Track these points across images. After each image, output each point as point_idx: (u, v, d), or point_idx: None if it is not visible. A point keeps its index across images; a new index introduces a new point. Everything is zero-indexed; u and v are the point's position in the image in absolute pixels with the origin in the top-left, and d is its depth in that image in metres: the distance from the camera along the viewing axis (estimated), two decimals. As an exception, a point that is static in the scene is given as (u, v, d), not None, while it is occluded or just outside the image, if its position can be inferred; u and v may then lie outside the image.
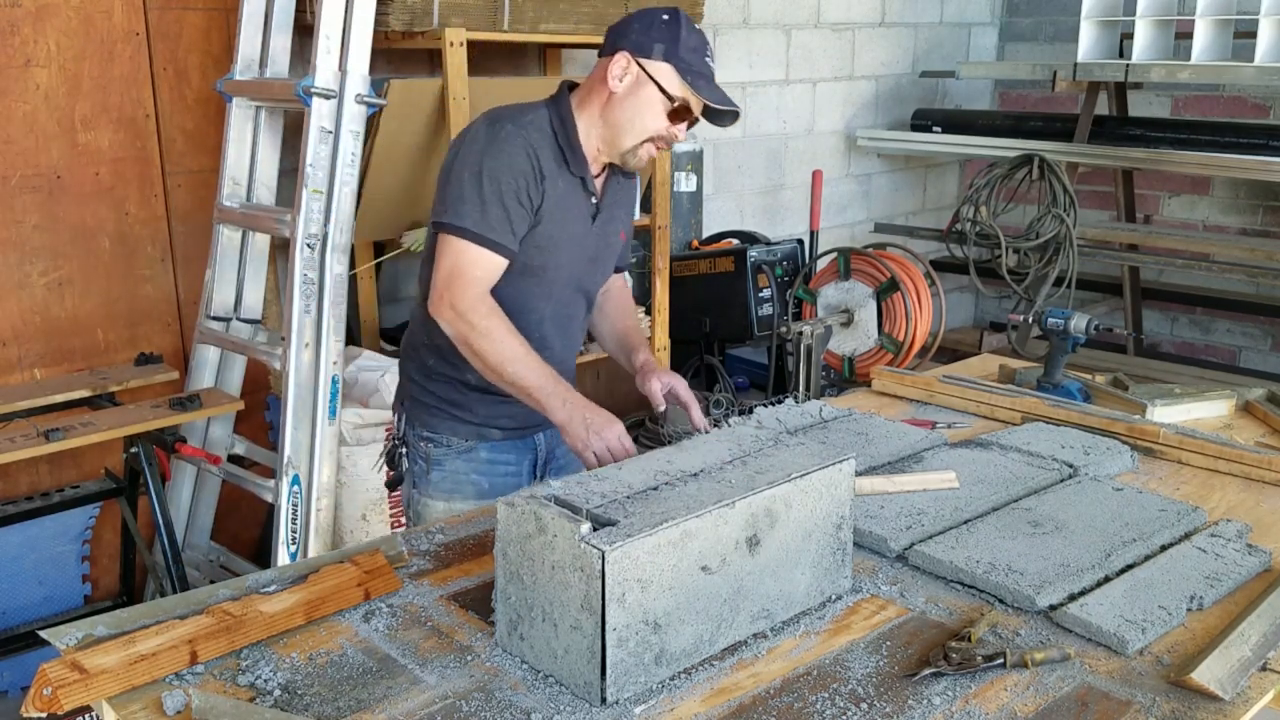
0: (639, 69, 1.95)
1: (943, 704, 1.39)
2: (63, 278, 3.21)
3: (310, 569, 1.65)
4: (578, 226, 2.06)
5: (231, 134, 3.25)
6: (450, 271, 1.93)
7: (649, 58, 1.94)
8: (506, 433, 2.17)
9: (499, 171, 1.92)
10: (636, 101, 1.96)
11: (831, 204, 5.56)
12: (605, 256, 2.17)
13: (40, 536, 3.12)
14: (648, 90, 1.95)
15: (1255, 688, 1.43)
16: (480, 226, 1.91)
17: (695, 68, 1.94)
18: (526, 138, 1.95)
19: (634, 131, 1.98)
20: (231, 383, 3.41)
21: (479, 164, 1.93)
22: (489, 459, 2.18)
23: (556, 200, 2.00)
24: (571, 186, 2.02)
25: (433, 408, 2.16)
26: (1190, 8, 4.86)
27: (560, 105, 2.03)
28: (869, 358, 4.38)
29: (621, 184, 2.17)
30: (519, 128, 1.95)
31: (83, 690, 1.35)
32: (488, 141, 1.94)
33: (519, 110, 2.01)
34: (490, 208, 1.91)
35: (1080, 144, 5.11)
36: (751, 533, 1.51)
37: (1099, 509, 1.92)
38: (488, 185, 1.92)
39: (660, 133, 1.98)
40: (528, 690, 1.41)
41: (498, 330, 1.92)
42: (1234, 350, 5.83)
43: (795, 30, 5.27)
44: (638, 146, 1.99)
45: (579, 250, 2.08)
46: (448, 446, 2.16)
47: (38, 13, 3.04)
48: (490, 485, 2.18)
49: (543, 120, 2.00)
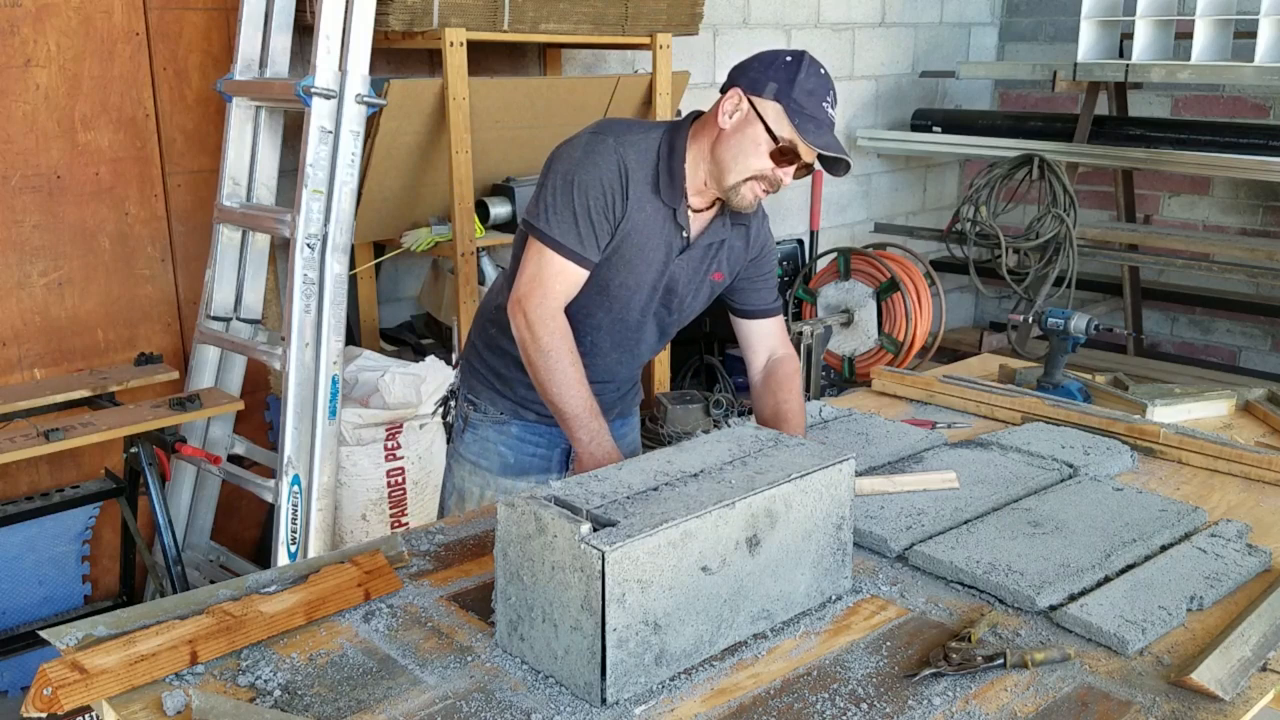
0: (749, 106, 1.93)
1: (943, 704, 1.39)
2: (63, 278, 3.21)
3: (310, 569, 1.65)
4: (657, 254, 2.03)
5: (231, 134, 3.25)
6: (532, 278, 1.96)
7: (760, 95, 1.92)
8: (541, 417, 2.19)
9: (589, 184, 1.93)
10: (742, 139, 1.93)
11: (831, 204, 5.56)
12: (686, 294, 2.13)
13: (40, 536, 3.12)
14: (754, 129, 1.92)
15: (1255, 688, 1.43)
16: (568, 239, 1.93)
17: (807, 110, 1.90)
18: (623, 155, 1.95)
19: (736, 169, 1.94)
20: (231, 383, 3.41)
21: (572, 173, 1.94)
22: (519, 436, 2.21)
23: (639, 222, 1.98)
24: (659, 214, 2.00)
25: (481, 374, 2.22)
26: (1190, 8, 4.86)
27: (677, 133, 2.02)
28: (869, 358, 4.38)
29: (735, 229, 2.12)
30: (619, 143, 1.96)
31: (83, 690, 1.35)
32: (585, 152, 1.95)
33: (629, 126, 2.02)
34: (580, 221, 1.93)
35: (1080, 144, 5.11)
36: (751, 533, 1.51)
37: (1099, 509, 1.92)
38: (578, 197, 1.93)
39: (764, 172, 1.94)
40: (528, 691, 1.41)
41: (557, 351, 1.94)
42: (1234, 350, 5.83)
43: (795, 30, 5.27)
44: (740, 184, 1.95)
45: (652, 276, 2.05)
46: (484, 414, 2.22)
47: (38, 13, 3.04)
48: (516, 461, 2.21)
49: (650, 142, 1.99)
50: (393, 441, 3.28)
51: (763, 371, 2.23)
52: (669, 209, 2.00)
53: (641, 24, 3.78)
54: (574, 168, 1.94)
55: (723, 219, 2.08)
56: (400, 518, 3.32)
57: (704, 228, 2.07)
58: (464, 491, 2.25)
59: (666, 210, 2.00)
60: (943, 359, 4.20)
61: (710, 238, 2.08)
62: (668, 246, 2.03)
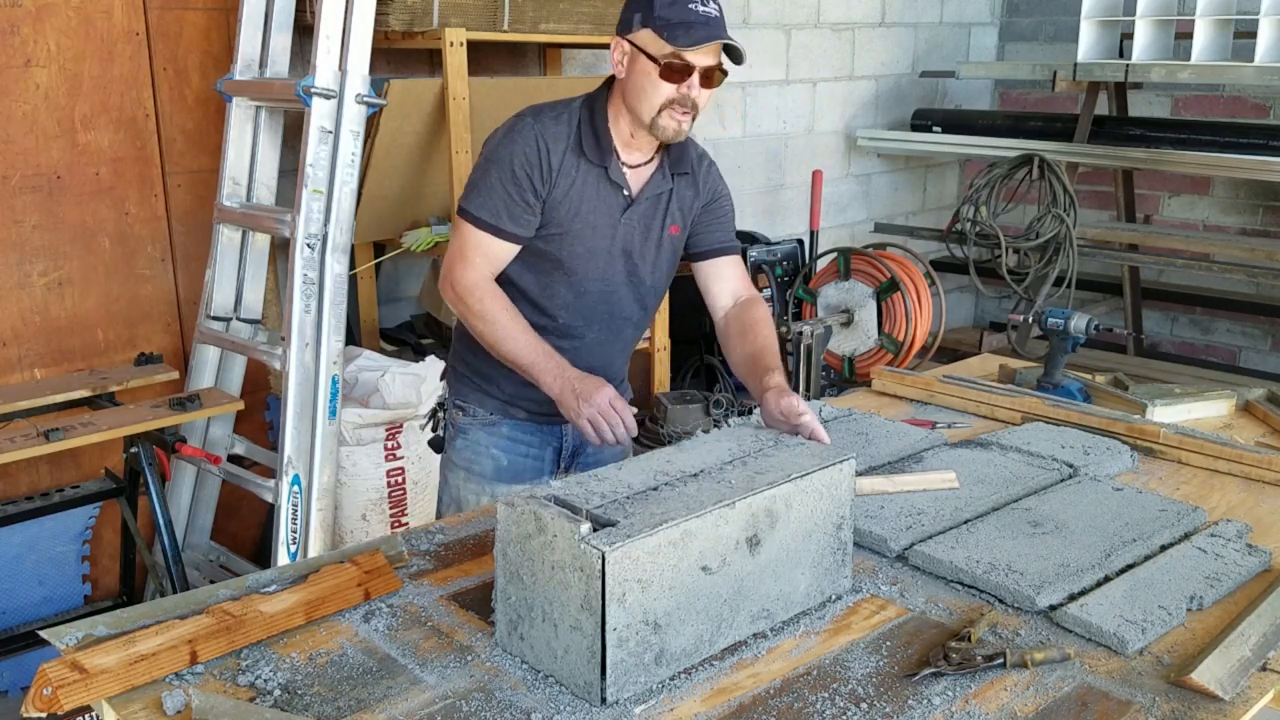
0: (629, 46, 1.99)
1: (943, 704, 1.39)
2: (63, 278, 3.21)
3: (310, 569, 1.65)
4: (600, 217, 2.07)
5: (231, 134, 3.25)
6: (454, 253, 2.06)
7: (632, 31, 1.97)
8: (531, 415, 2.20)
9: (506, 160, 2.01)
10: (636, 77, 1.98)
11: (831, 204, 5.56)
12: (645, 251, 2.15)
13: (40, 536, 3.12)
14: (640, 62, 1.97)
15: (1255, 688, 1.43)
16: (482, 211, 2.02)
17: (673, 20, 1.92)
18: (540, 129, 2.02)
19: (645, 106, 1.99)
20: (231, 383, 3.41)
21: (492, 154, 2.04)
22: (511, 436, 2.22)
23: (571, 190, 2.03)
24: (591, 175, 2.05)
25: (466, 377, 2.24)
26: (1190, 8, 4.86)
27: (597, 97, 2.09)
28: (869, 358, 4.38)
29: (679, 179, 2.14)
30: (536, 120, 2.04)
31: (83, 690, 1.35)
32: (505, 133, 2.05)
33: (548, 105, 2.09)
34: (495, 194, 2.01)
35: (1080, 144, 5.11)
36: (752, 533, 1.51)
37: (1099, 509, 1.92)
38: (496, 174, 2.01)
39: (670, 97, 1.97)
40: (528, 690, 1.42)
41: (491, 310, 2.02)
42: (1234, 350, 5.83)
43: (795, 30, 5.27)
44: (656, 118, 1.99)
45: (603, 240, 2.09)
46: (473, 417, 2.23)
47: (38, 13, 3.04)
48: (509, 463, 2.22)
49: (570, 112, 2.06)
50: (393, 441, 3.28)
51: (728, 315, 2.23)
52: (600, 168, 2.05)
53: (641, 24, 3.77)
54: (494, 149, 2.04)
55: (662, 171, 2.12)
56: (400, 518, 3.32)
57: (645, 182, 2.11)
58: (461, 500, 2.25)
59: (598, 170, 2.05)
60: (943, 359, 4.20)
61: (654, 190, 2.11)
62: (609, 206, 2.07)
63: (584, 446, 2.28)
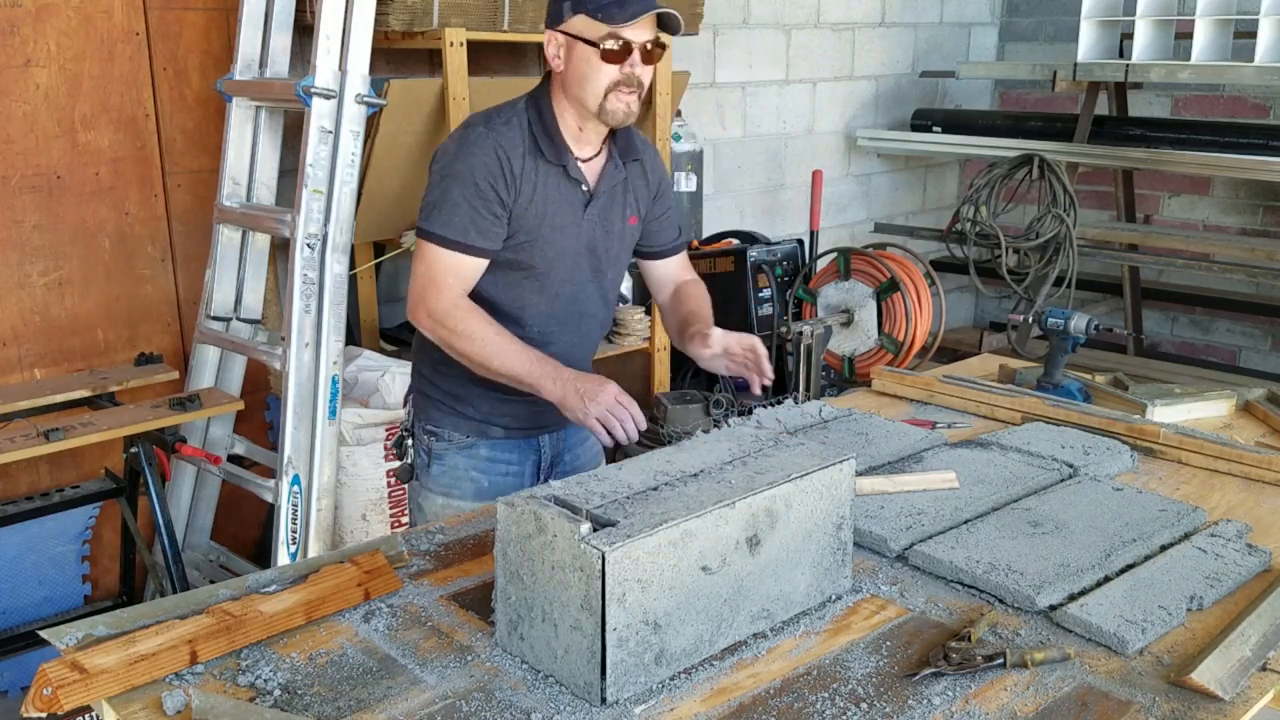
0: (563, 36, 1.96)
1: (943, 704, 1.39)
2: (63, 278, 3.21)
3: (310, 569, 1.65)
4: (565, 217, 2.04)
5: (231, 134, 3.25)
6: (424, 278, 1.98)
7: (564, 20, 1.95)
8: (509, 432, 2.17)
9: (466, 174, 1.95)
10: (577, 66, 1.96)
11: (831, 204, 5.56)
12: (609, 245, 2.14)
13: (40, 536, 3.12)
14: (578, 49, 1.95)
15: (1255, 688, 1.43)
16: (449, 230, 1.95)
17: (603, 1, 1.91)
18: (495, 138, 1.97)
19: (590, 93, 1.96)
20: (231, 383, 3.41)
21: (449, 169, 1.97)
22: (489, 457, 2.18)
23: (535, 194, 2.00)
24: (550, 175, 2.02)
25: (437, 401, 2.18)
26: (1190, 8, 4.86)
27: (540, 96, 2.05)
28: (869, 358, 4.38)
29: (630, 165, 2.14)
30: (489, 129, 1.98)
31: (83, 690, 1.35)
32: (458, 145, 1.98)
33: (495, 111, 2.04)
34: (459, 210, 1.95)
35: (1080, 144, 5.11)
36: (752, 533, 1.51)
37: (1099, 509, 1.92)
38: (456, 189, 1.95)
39: (614, 79, 1.95)
40: (528, 690, 1.41)
41: (475, 328, 1.96)
42: (1234, 350, 5.83)
43: (795, 30, 5.27)
44: (603, 103, 1.97)
45: (570, 241, 2.06)
46: (449, 441, 2.17)
47: (38, 13, 3.04)
48: (490, 484, 2.18)
49: (518, 114, 2.02)
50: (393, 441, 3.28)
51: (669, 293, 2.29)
52: (559, 167, 2.02)
53: (641, 24, 3.77)
54: (450, 163, 1.97)
55: (613, 160, 2.10)
56: (400, 518, 3.32)
57: (599, 174, 2.08)
58: None
59: (557, 169, 2.02)
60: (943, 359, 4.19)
61: (609, 182, 2.09)
62: (572, 205, 2.04)
63: (561, 455, 2.26)
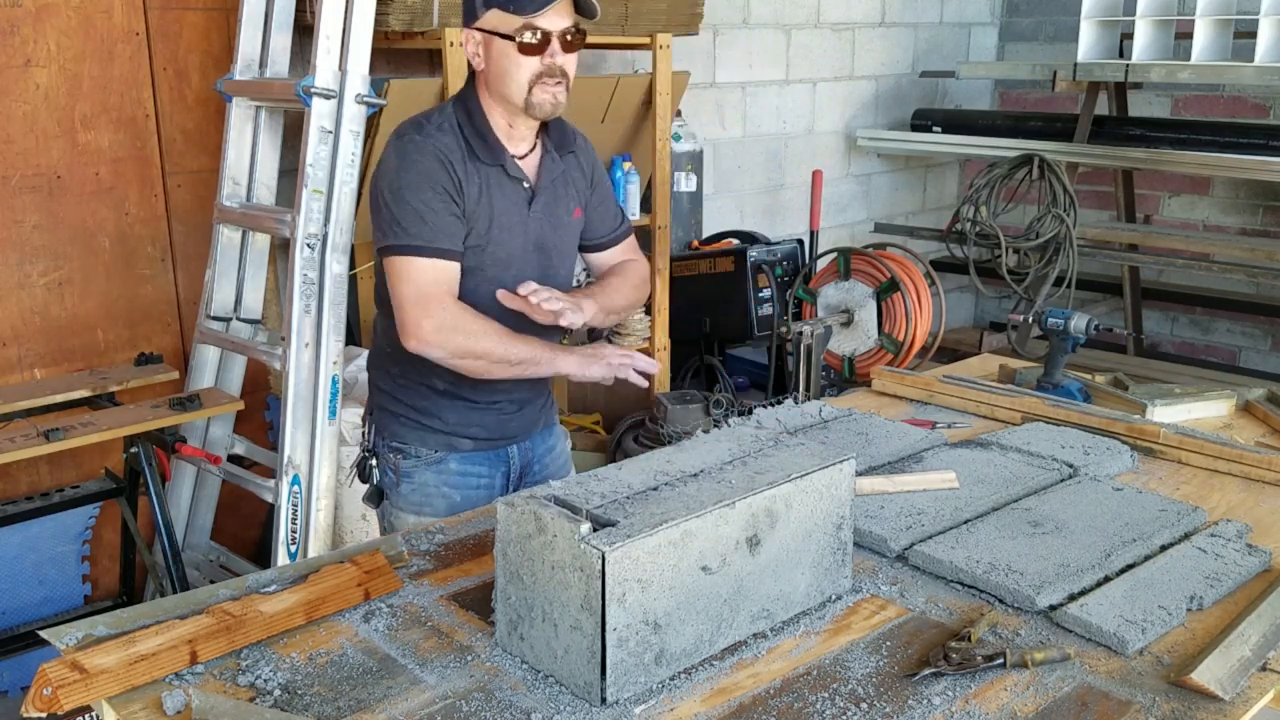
0: (480, 34, 1.95)
1: (943, 704, 1.39)
2: (63, 278, 3.21)
3: (310, 569, 1.65)
4: (511, 217, 2.02)
5: (231, 134, 3.25)
6: (414, 297, 1.93)
7: (478, 17, 1.94)
8: (478, 443, 2.14)
9: (417, 182, 1.93)
10: (497, 62, 1.94)
11: (831, 204, 5.56)
12: (557, 241, 2.11)
13: (40, 536, 3.12)
14: (496, 45, 1.93)
15: (1255, 688, 1.43)
16: (421, 239, 1.93)
17: None
18: (434, 144, 1.95)
19: (513, 87, 1.94)
20: (231, 383, 3.41)
21: (398, 182, 1.94)
22: (459, 470, 2.14)
23: (481, 196, 1.98)
24: (490, 177, 2.00)
25: (401, 417, 2.13)
26: (1190, 8, 4.86)
27: (468, 97, 2.03)
28: (869, 358, 4.38)
29: (565, 157, 2.12)
30: (425, 136, 1.96)
31: (83, 690, 1.35)
32: (400, 158, 1.96)
33: (423, 117, 2.02)
34: (423, 218, 1.92)
35: (1080, 144, 5.11)
36: (752, 533, 1.51)
37: (1099, 509, 1.92)
38: (414, 199, 1.92)
39: (536, 70, 1.93)
40: (528, 690, 1.41)
41: (487, 325, 1.94)
42: (1234, 350, 5.83)
43: (795, 30, 5.27)
44: (528, 96, 1.95)
45: (519, 240, 2.04)
46: (417, 458, 2.12)
47: (38, 13, 3.04)
48: (462, 499, 2.13)
49: (448, 120, 2.00)
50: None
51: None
52: (497, 167, 2.00)
53: (641, 24, 3.78)
54: (397, 177, 1.94)
55: (549, 154, 2.08)
56: (400, 518, 3.32)
57: (538, 169, 2.07)
58: None
59: (496, 169, 2.00)
60: (943, 359, 4.19)
61: (549, 175, 2.08)
62: (515, 204, 2.02)
63: (530, 465, 2.24)
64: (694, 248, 4.71)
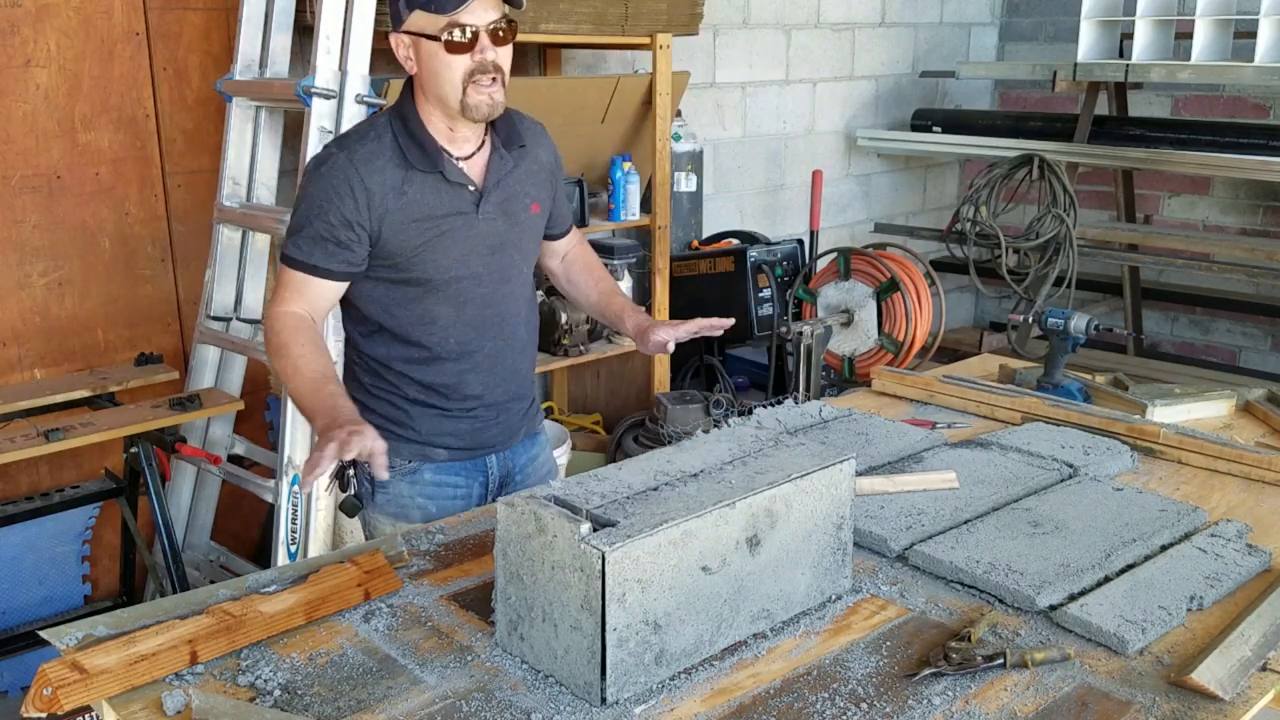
0: (407, 37, 1.93)
1: (943, 704, 1.39)
2: (63, 278, 3.21)
3: (310, 569, 1.65)
4: (453, 223, 1.98)
5: (231, 134, 3.25)
6: (272, 296, 2.00)
7: (404, 20, 1.91)
8: (453, 453, 2.10)
9: (315, 197, 1.93)
10: (427, 64, 1.91)
11: (831, 204, 5.56)
12: (515, 238, 2.08)
13: (40, 536, 3.12)
14: (424, 47, 1.90)
15: (1255, 688, 1.43)
16: (295, 251, 1.94)
17: None
18: (350, 157, 1.93)
19: (446, 88, 1.91)
20: (231, 383, 3.41)
21: (303, 191, 1.97)
22: (434, 481, 2.11)
23: (409, 208, 1.94)
24: (427, 184, 1.96)
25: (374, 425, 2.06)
26: (1190, 8, 4.86)
27: (403, 104, 2.00)
28: (869, 358, 4.38)
29: (515, 151, 2.07)
30: (344, 150, 1.94)
31: (83, 690, 1.35)
32: (313, 171, 1.96)
33: (353, 132, 2.00)
34: (313, 236, 1.93)
35: (1080, 144, 5.11)
36: (752, 533, 1.51)
37: (1099, 509, 1.92)
38: (309, 215, 1.93)
39: (467, 68, 1.89)
40: (528, 690, 1.42)
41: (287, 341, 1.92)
42: (1234, 350, 5.83)
43: (795, 30, 5.27)
44: (464, 98, 1.92)
45: (466, 246, 2.00)
46: (391, 468, 2.05)
47: (38, 13, 3.04)
48: (438, 509, 2.10)
49: (380, 130, 1.97)
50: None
51: (563, 265, 2.33)
52: (435, 174, 1.96)
53: (641, 24, 3.78)
54: (304, 186, 1.97)
55: (499, 153, 2.04)
56: (400, 518, 3.32)
57: (485, 170, 2.02)
58: None
59: (434, 176, 1.96)
60: (943, 359, 4.20)
61: (497, 174, 2.03)
62: (458, 208, 1.98)
63: (512, 475, 2.20)
64: (694, 248, 4.71)
